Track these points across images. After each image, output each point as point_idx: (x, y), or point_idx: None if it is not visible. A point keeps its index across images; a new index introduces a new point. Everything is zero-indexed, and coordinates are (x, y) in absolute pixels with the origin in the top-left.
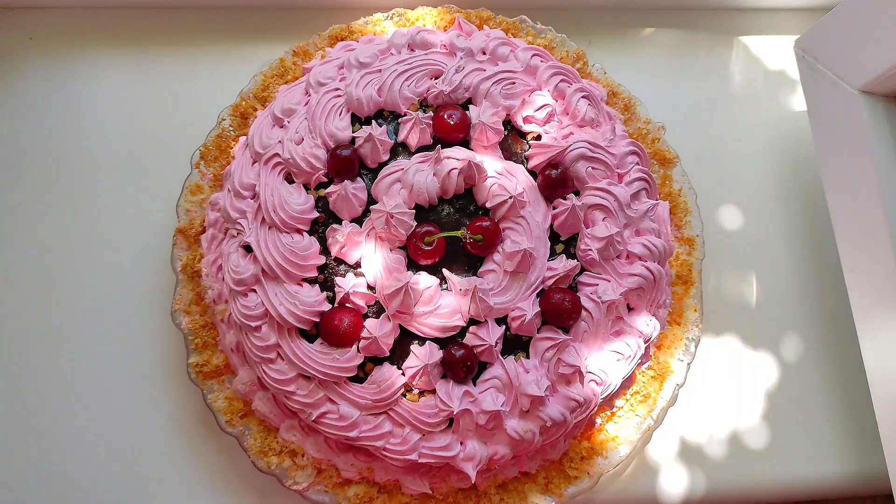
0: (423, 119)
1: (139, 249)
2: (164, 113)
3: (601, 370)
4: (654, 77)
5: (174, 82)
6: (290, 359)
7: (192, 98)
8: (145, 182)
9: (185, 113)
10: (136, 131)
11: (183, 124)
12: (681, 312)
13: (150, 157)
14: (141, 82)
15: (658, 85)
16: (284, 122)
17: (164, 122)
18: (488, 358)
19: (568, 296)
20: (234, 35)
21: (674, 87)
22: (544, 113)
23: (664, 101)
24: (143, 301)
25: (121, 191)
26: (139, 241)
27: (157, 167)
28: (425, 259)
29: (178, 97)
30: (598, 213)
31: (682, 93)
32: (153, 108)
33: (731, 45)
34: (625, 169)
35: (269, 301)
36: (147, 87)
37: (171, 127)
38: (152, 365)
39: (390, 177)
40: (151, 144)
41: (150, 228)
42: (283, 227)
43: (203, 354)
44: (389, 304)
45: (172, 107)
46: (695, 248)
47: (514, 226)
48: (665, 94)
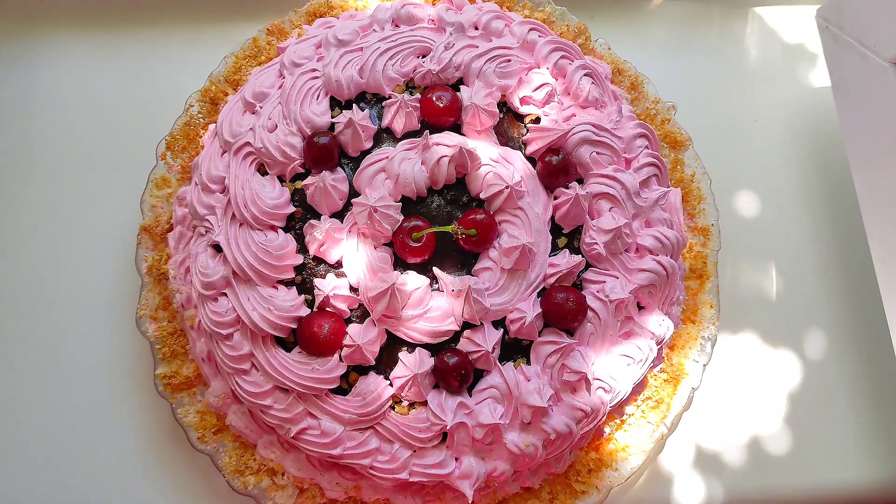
0: (410, 102)
1: (101, 249)
2: (129, 99)
3: (610, 376)
4: (663, 53)
5: (139, 66)
6: (266, 370)
7: (158, 83)
8: (108, 175)
9: (152, 99)
10: (97, 119)
11: (149, 111)
12: (695, 309)
13: (112, 148)
14: (103, 66)
15: (667, 61)
16: (256, 107)
17: (128, 109)
18: (485, 365)
19: (572, 295)
20: (205, 14)
21: (684, 63)
22: (543, 93)
23: (674, 79)
24: (106, 306)
25: (80, 185)
26: (101, 241)
27: (121, 158)
28: (413, 257)
29: (143, 82)
30: (603, 203)
31: (693, 69)
32: (116, 94)
33: (746, 17)
34: (633, 153)
35: (240, 306)
36: (109, 71)
37: (135, 114)
38: (117, 376)
39: (374, 166)
40: (114, 134)
41: (113, 226)
42: (255, 224)
43: (171, 365)
44: (374, 307)
45: (137, 92)
46: (710, 239)
47: (512, 218)
48: (674, 72)
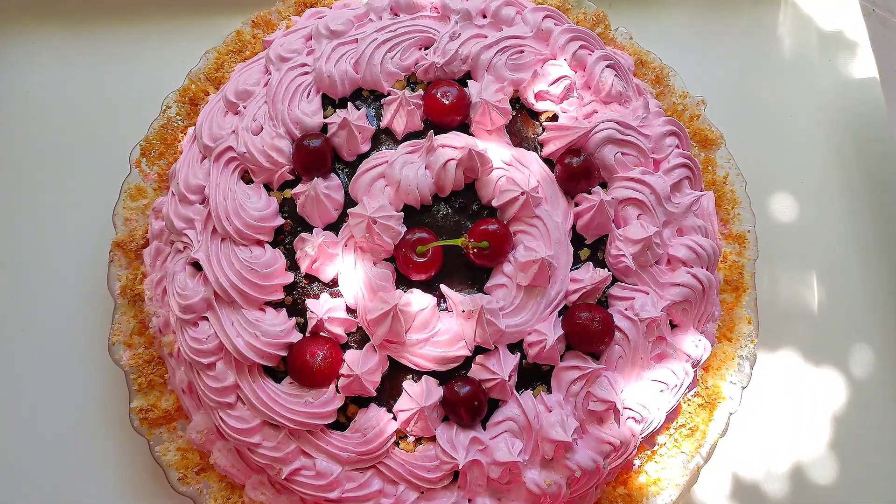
0: (411, 99)
1: (69, 268)
2: (99, 101)
3: (641, 404)
4: (688, 43)
5: (111, 64)
6: (253, 403)
7: (132, 82)
8: (76, 185)
9: (125, 101)
10: (63, 124)
11: (122, 114)
12: (731, 325)
13: (81, 155)
14: (70, 64)
15: (693, 52)
16: (239, 107)
17: (98, 112)
18: (500, 395)
19: (597, 314)
20: (183, 6)
21: (712, 54)
22: (561, 87)
23: (701, 72)
24: (75, 331)
25: (45, 196)
26: (69, 258)
27: (91, 167)
28: (418, 273)
29: (115, 82)
30: (631, 210)
31: (722, 61)
32: (85, 95)
33: (778, 2)
34: (662, 153)
35: (223, 332)
36: (78, 69)
37: (107, 118)
38: (88, 410)
39: (372, 171)
40: (83, 139)
41: (82, 242)
42: (238, 239)
43: (149, 397)
44: (375, 331)
45: (109, 93)
46: (746, 247)
47: (528, 228)
48: (702, 64)
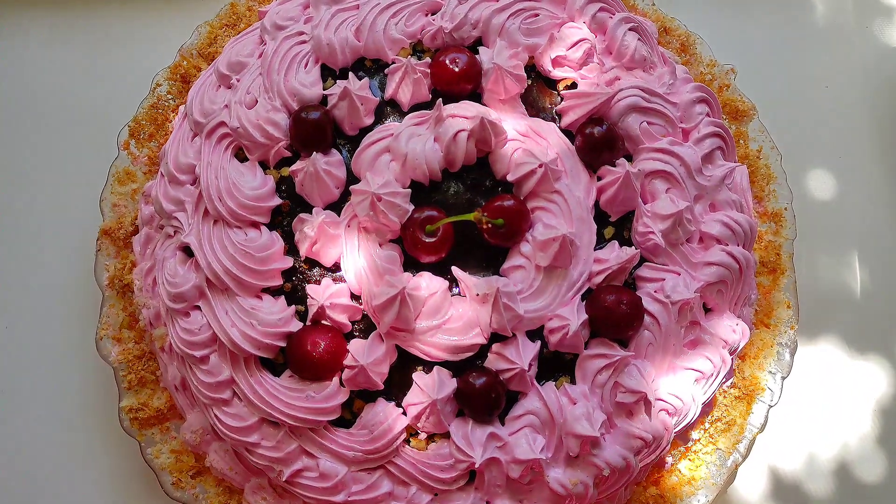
0: (418, 66)
1: (54, 258)
2: (87, 81)
3: (674, 395)
4: (714, 10)
5: (99, 42)
6: (250, 399)
7: (122, 61)
8: (63, 170)
9: (114, 80)
10: (51, 106)
11: (110, 94)
12: (769, 311)
13: (69, 138)
14: (58, 44)
15: (719, 20)
16: (232, 80)
17: (86, 92)
18: (520, 386)
19: (625, 296)
20: None
21: (739, 21)
22: (580, 51)
23: (729, 40)
24: (62, 326)
25: (32, 182)
26: (54, 248)
27: (79, 150)
28: (428, 255)
29: (104, 60)
30: (659, 183)
31: (750, 29)
32: (73, 75)
33: None
34: (691, 122)
35: (216, 322)
36: (65, 49)
37: (95, 99)
38: (75, 410)
39: (376, 146)
40: (71, 121)
41: (68, 230)
42: (232, 220)
43: (139, 395)
44: (381, 318)
45: (98, 73)
46: (783, 226)
47: (547, 204)
48: (729, 32)
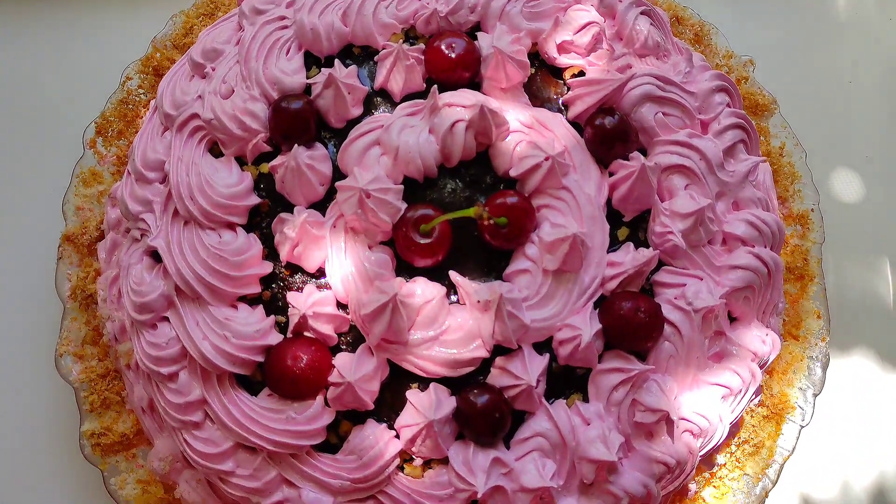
0: (411, 52)
1: (13, 266)
2: (52, 74)
3: (699, 414)
4: (730, 2)
5: (66, 32)
6: (224, 421)
7: (90, 53)
8: (24, 172)
9: (81, 73)
10: (11, 100)
11: (78, 90)
12: (798, 321)
13: (30, 136)
14: (20, 33)
15: (734, 11)
16: (206, 68)
17: (51, 86)
18: (526, 405)
19: (642, 303)
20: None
21: (755, 12)
22: (588, 36)
23: (744, 32)
24: (20, 340)
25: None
26: (13, 255)
27: (41, 149)
28: (423, 258)
29: (71, 52)
30: (677, 179)
31: (767, 20)
32: (37, 67)
33: None
34: (710, 113)
35: (186, 334)
36: (29, 39)
37: (61, 93)
38: (32, 435)
39: (365, 138)
40: (33, 118)
41: (29, 235)
42: (205, 221)
43: (102, 418)
44: (371, 329)
45: (64, 65)
46: (810, 229)
47: (555, 202)
48: (744, 23)
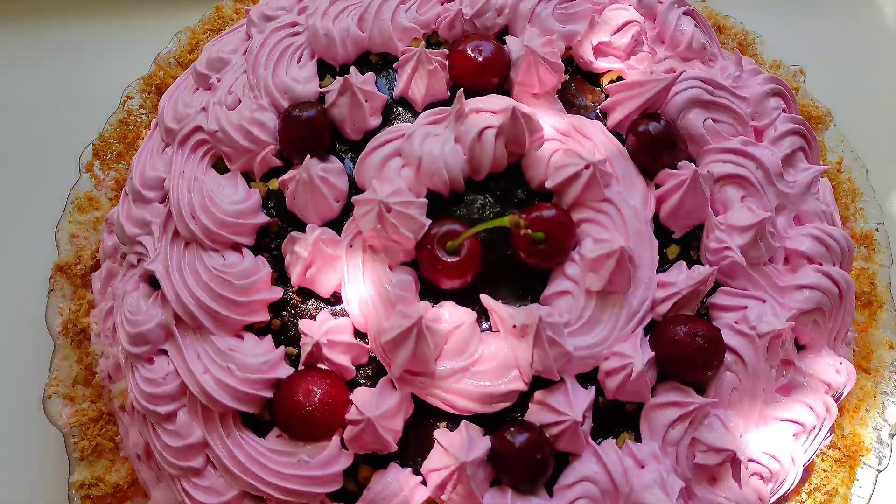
0: (433, 56)
1: (7, 299)
2: (49, 97)
3: (768, 454)
4: (771, 11)
5: (66, 51)
6: (227, 466)
7: (90, 74)
8: (16, 196)
9: (81, 95)
10: (6, 121)
11: (77, 111)
12: (867, 352)
13: (24, 159)
14: (17, 52)
15: (778, 21)
16: (212, 79)
17: (48, 109)
18: (571, 445)
19: (700, 328)
20: None
21: (802, 21)
22: (628, 36)
23: (791, 41)
24: (6, 381)
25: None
26: (8, 287)
27: (36, 173)
28: (450, 278)
29: (71, 73)
30: (732, 191)
31: (816, 30)
32: (33, 90)
33: None
34: (765, 119)
35: (186, 367)
36: (26, 58)
37: (58, 116)
38: (19, 484)
39: (384, 148)
40: (28, 141)
41: (18, 267)
42: (208, 242)
43: (94, 467)
44: (393, 358)
45: (62, 88)
46: (875, 250)
47: (597, 216)
48: (791, 32)
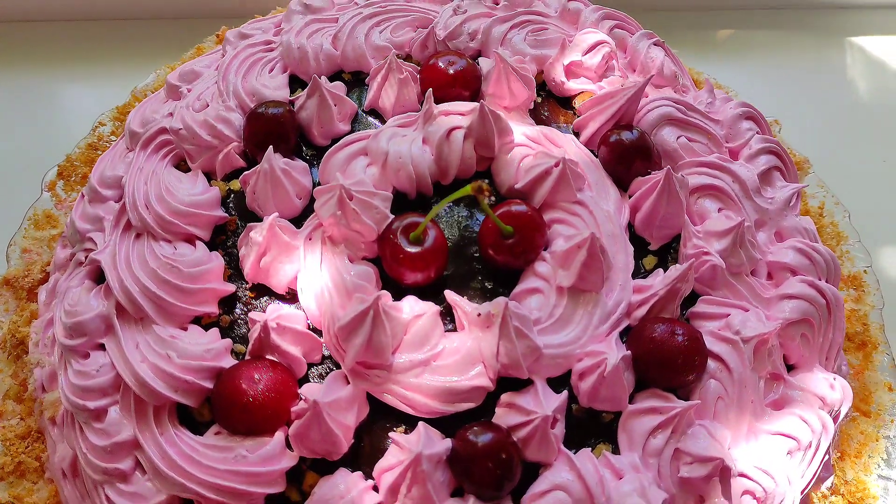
0: (405, 66)
1: None
2: (20, 127)
3: (760, 469)
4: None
5: (40, 97)
6: (157, 465)
7: (65, 103)
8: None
9: (50, 127)
10: None
11: (46, 139)
12: (866, 395)
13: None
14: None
15: (754, 77)
16: (182, 89)
17: (17, 136)
18: (541, 451)
19: (679, 326)
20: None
21: (777, 87)
22: (599, 56)
23: (767, 96)
24: None
25: None
26: None
27: None
28: (413, 271)
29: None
30: (708, 203)
31: (791, 97)
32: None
33: (843, 48)
34: (739, 140)
35: (122, 357)
36: None
37: (27, 143)
38: None
39: (350, 147)
40: None
41: None
42: (159, 231)
43: (14, 487)
44: (347, 346)
45: (35, 113)
46: (865, 292)
47: (569, 217)
48: (766, 90)
